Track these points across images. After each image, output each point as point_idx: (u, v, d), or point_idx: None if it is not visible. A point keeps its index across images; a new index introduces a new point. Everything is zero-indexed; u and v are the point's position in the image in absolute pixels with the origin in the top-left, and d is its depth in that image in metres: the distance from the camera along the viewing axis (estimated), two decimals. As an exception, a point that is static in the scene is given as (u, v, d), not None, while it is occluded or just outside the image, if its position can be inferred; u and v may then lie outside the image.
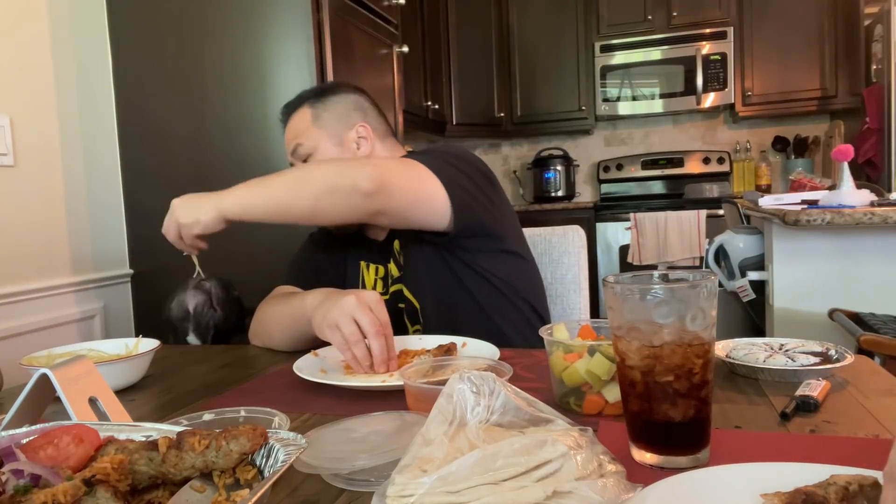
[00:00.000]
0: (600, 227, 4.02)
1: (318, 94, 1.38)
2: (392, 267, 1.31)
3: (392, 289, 1.31)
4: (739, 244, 2.58)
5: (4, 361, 1.54)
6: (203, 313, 1.29)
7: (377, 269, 1.34)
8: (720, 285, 2.60)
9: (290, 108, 1.38)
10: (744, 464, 0.52)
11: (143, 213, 2.03)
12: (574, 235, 1.48)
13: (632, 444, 0.61)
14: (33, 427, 0.52)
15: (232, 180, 1.92)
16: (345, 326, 0.94)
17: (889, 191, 2.83)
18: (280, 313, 1.18)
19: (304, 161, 1.34)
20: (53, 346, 1.01)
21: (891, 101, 3.22)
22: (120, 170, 2.04)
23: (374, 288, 1.34)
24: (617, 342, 0.61)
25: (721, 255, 2.66)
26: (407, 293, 1.28)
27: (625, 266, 3.95)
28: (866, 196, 2.15)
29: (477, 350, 1.00)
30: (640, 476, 0.54)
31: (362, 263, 1.36)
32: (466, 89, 4.25)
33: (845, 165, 2.19)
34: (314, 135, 1.33)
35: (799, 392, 0.74)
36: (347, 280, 1.38)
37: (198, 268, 1.26)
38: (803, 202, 2.24)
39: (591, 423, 0.63)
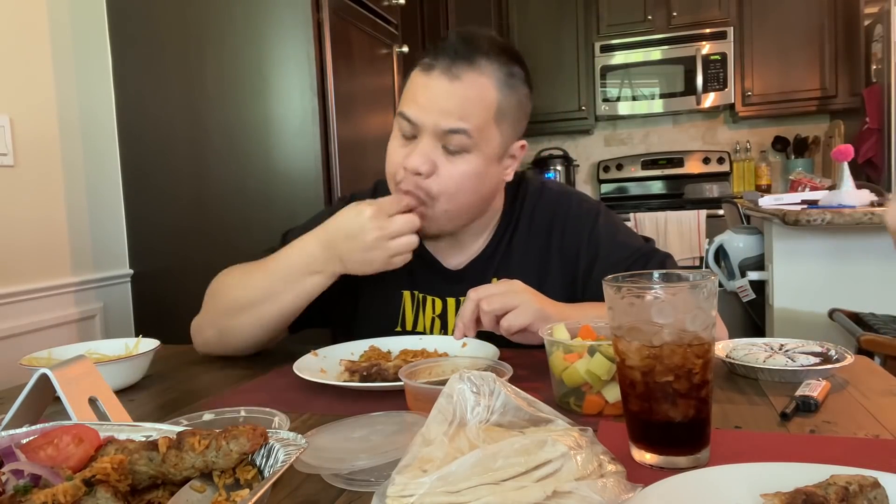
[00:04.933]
0: (600, 226, 4.02)
1: (512, 58, 0.94)
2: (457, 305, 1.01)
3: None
4: (739, 244, 2.58)
5: (4, 361, 1.54)
6: None
7: (433, 302, 1.04)
8: (720, 285, 2.59)
9: (471, 56, 0.90)
10: (744, 464, 0.52)
11: (143, 213, 2.04)
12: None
13: (632, 444, 0.61)
14: (33, 427, 0.52)
15: (232, 180, 1.96)
16: (398, 243, 0.88)
17: (889, 191, 2.83)
18: (260, 277, 0.96)
19: (449, 152, 0.91)
20: (53, 346, 1.00)
21: (891, 101, 3.21)
22: (120, 170, 2.04)
23: (425, 330, 1.06)
24: (617, 342, 0.61)
25: (721, 255, 2.66)
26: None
27: (625, 266, 3.95)
28: (866, 196, 2.15)
29: (477, 350, 0.99)
30: (640, 476, 0.54)
31: (407, 293, 1.06)
32: (466, 89, 4.25)
33: (845, 165, 2.19)
34: (489, 134, 0.92)
35: (799, 392, 0.74)
36: (363, 300, 1.08)
37: None
38: (803, 202, 2.24)
39: (591, 423, 0.63)
